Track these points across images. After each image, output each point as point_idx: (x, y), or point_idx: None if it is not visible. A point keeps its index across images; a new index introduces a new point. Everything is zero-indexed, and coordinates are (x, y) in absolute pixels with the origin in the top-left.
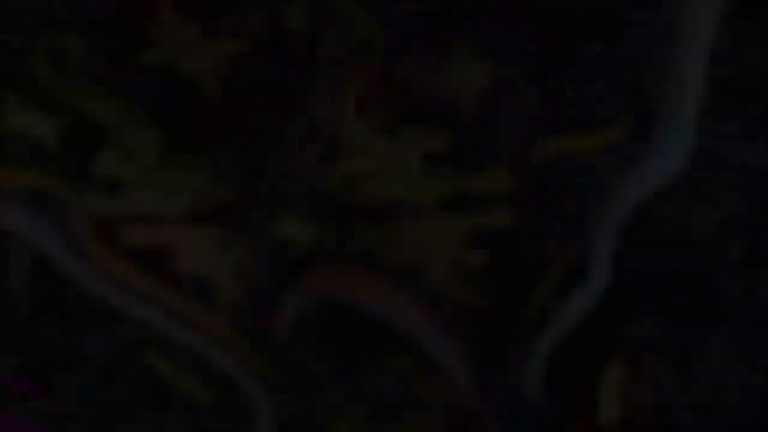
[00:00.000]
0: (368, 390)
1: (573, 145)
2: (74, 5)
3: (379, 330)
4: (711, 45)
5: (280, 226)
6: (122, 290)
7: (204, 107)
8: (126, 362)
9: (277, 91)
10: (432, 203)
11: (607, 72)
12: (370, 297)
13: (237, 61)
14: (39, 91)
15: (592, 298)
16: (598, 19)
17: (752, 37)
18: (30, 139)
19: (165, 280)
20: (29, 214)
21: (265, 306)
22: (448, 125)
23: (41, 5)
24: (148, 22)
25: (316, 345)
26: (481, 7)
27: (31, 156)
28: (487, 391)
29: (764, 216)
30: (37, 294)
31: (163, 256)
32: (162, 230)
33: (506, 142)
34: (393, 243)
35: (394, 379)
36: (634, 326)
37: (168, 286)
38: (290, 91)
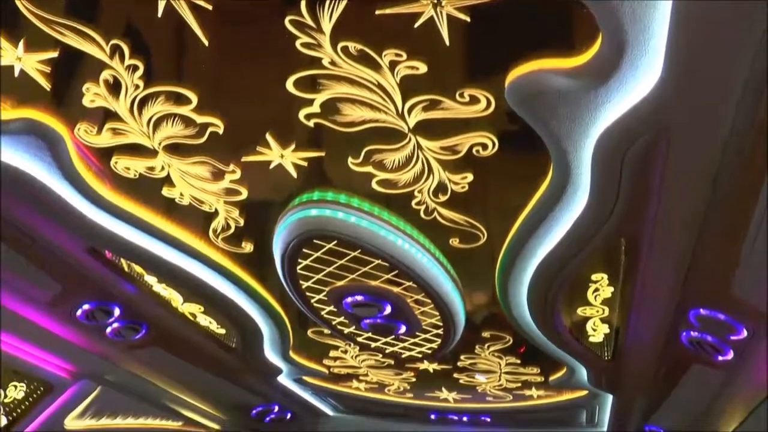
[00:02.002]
0: None
1: None
2: None
3: None
4: None
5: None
6: (116, 216)
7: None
8: None
9: None
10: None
11: None
12: None
13: None
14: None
15: None
16: None
17: None
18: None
19: (156, 207)
20: (25, 146)
21: (258, 227)
22: None
23: None
24: None
25: None
26: None
27: (23, 91)
28: None
29: None
30: None
31: (153, 183)
32: (150, 159)
33: None
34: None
35: None
36: None
37: (159, 212)
38: None
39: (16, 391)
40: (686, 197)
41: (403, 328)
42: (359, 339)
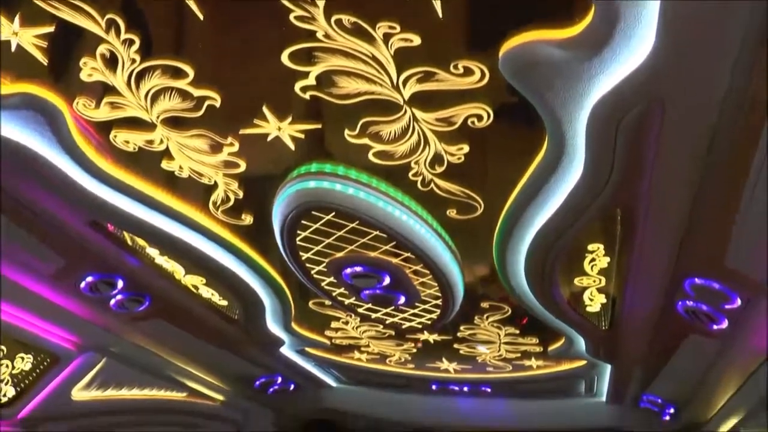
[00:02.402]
0: None
1: None
2: None
3: None
4: None
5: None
6: (116, 189)
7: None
8: None
9: None
10: None
11: None
12: None
13: None
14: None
15: None
16: None
17: None
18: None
19: (156, 180)
20: (24, 121)
21: (257, 200)
22: None
23: None
24: None
25: None
26: None
27: (21, 66)
28: None
29: None
30: None
31: (152, 156)
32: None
33: None
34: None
35: None
36: None
37: (159, 185)
38: None
39: (23, 363)
40: (680, 167)
41: (402, 299)
42: (360, 310)
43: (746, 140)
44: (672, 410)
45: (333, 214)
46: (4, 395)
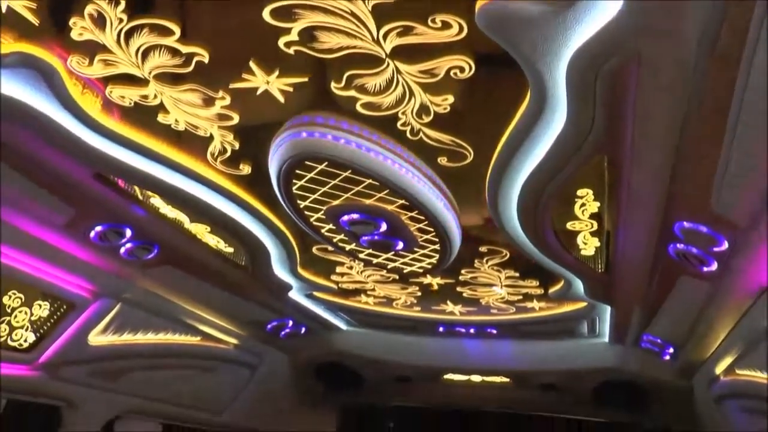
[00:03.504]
0: None
1: None
2: None
3: None
4: None
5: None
6: (116, 142)
7: None
8: None
9: None
10: None
11: None
12: None
13: None
14: None
15: None
16: None
17: None
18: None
19: (154, 133)
20: (23, 79)
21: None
22: None
23: None
24: None
25: None
26: None
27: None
28: None
29: None
30: None
31: (149, 110)
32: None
33: None
34: None
35: None
36: None
37: (158, 138)
38: None
39: (41, 310)
40: (661, 115)
41: (400, 245)
42: (361, 255)
43: (721, 91)
44: (671, 350)
45: (326, 163)
46: (25, 341)
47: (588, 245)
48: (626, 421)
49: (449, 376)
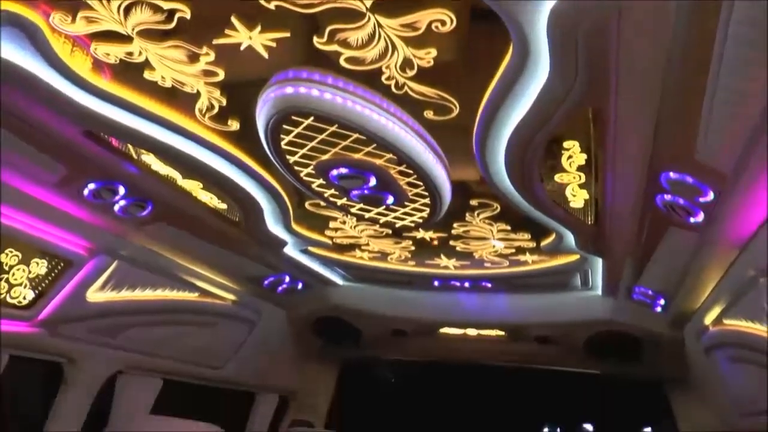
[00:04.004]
0: None
1: None
2: None
3: None
4: None
5: None
6: (104, 100)
7: None
8: None
9: None
10: None
11: None
12: None
13: None
14: None
15: None
16: None
17: None
18: None
19: (142, 89)
20: (7, 37)
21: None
22: None
23: None
24: None
25: None
26: None
27: None
28: None
29: None
30: None
31: (134, 67)
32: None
33: None
34: None
35: None
36: None
37: (145, 94)
38: None
39: (39, 267)
40: (644, 67)
41: (390, 199)
42: (353, 210)
43: (702, 41)
44: (662, 301)
45: (312, 118)
46: (24, 298)
47: (577, 197)
48: (619, 372)
49: (445, 330)
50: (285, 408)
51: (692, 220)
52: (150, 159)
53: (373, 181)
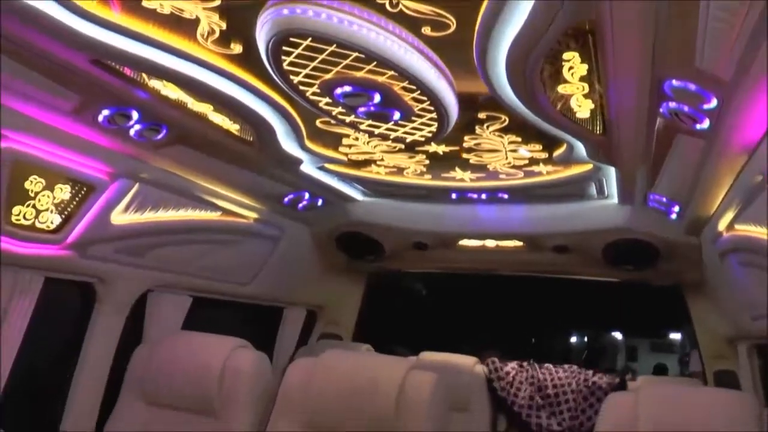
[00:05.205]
0: None
1: None
2: None
3: None
4: None
5: None
6: (107, 28)
7: None
8: None
9: None
10: None
11: None
12: None
13: None
14: None
15: None
16: None
17: None
18: None
19: (143, 16)
20: None
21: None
22: None
23: None
24: None
25: None
26: None
27: None
28: None
29: None
30: None
31: None
32: None
33: None
34: None
35: None
36: None
37: (148, 21)
38: None
39: (63, 193)
40: None
41: (397, 114)
42: (362, 126)
43: None
44: (677, 208)
45: (310, 39)
46: (51, 222)
47: (583, 107)
48: (637, 279)
49: (464, 242)
50: (313, 322)
51: (698, 126)
52: (158, 84)
53: (377, 98)
